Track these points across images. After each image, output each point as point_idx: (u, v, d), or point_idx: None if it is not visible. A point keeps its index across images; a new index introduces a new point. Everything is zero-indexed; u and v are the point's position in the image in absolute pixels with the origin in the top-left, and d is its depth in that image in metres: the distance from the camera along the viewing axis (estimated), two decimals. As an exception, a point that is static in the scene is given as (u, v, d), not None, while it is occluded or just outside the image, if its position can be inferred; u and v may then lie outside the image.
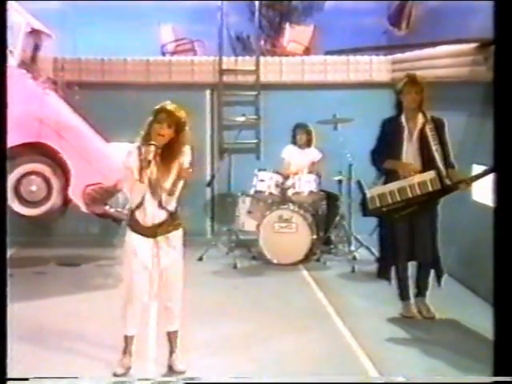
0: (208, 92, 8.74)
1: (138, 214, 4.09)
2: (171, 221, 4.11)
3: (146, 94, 7.80)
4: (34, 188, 6.43)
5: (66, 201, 6.59)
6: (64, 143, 6.35)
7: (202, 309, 5.49)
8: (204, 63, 8.70)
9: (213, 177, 8.01)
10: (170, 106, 4.03)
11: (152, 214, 4.06)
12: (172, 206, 4.11)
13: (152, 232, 4.09)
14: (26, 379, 3.66)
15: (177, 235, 4.17)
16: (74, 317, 5.31)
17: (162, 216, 4.08)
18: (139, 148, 4.04)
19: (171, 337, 4.33)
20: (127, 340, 4.26)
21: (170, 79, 8.59)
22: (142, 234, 4.11)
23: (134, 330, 4.26)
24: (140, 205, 4.06)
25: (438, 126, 5.16)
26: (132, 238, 4.14)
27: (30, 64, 6.99)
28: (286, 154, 7.87)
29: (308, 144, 7.85)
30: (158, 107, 4.03)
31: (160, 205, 4.06)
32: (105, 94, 8.26)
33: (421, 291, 5.38)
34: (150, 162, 3.92)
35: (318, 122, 7.59)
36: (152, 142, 3.95)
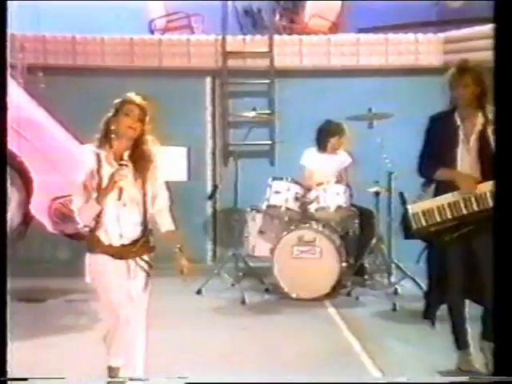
0: (208, 80, 8.81)
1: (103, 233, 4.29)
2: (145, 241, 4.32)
3: (129, 81, 7.81)
4: (-16, 202, 6.46)
5: (28, 218, 6.60)
6: (25, 144, 6.37)
7: (201, 355, 5.49)
8: (203, 44, 8.77)
9: (215, 187, 8.04)
10: (135, 96, 4.34)
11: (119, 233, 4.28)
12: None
13: (122, 253, 4.28)
14: (26, 379, 4.07)
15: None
16: (38, 366, 5.22)
17: (134, 234, 4.29)
18: (98, 155, 4.27)
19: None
20: (111, 371, 4.33)
21: (159, 63, 8.68)
22: (108, 254, 4.29)
23: (120, 360, 4.32)
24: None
25: None
26: (97, 259, 4.33)
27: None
28: (307, 159, 7.86)
29: (336, 147, 7.83)
30: (121, 100, 4.35)
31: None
32: (77, 81, 8.29)
33: (488, 332, 5.24)
34: (121, 189, 4.16)
35: (348, 117, 7.62)
36: (123, 162, 4.17)
